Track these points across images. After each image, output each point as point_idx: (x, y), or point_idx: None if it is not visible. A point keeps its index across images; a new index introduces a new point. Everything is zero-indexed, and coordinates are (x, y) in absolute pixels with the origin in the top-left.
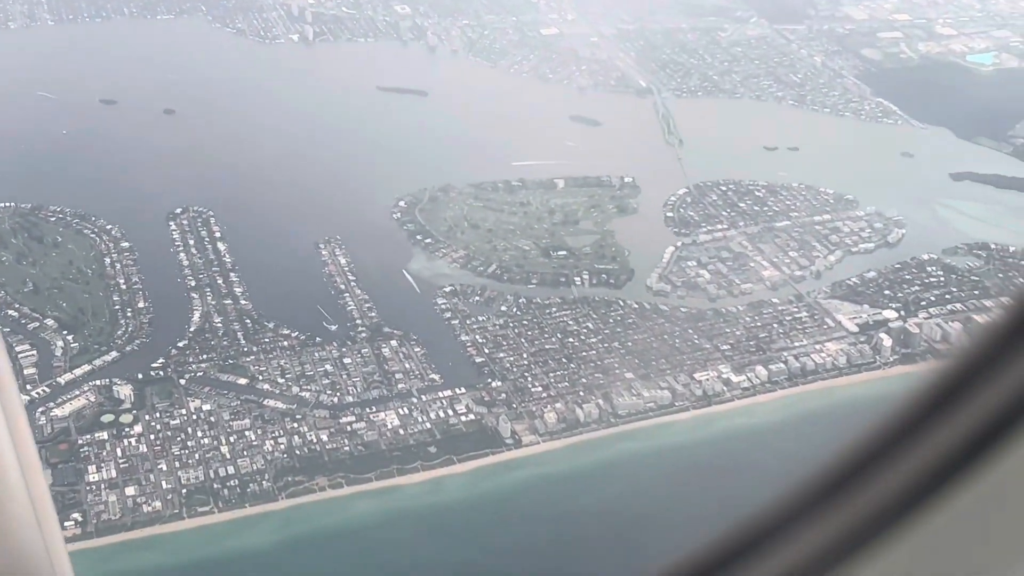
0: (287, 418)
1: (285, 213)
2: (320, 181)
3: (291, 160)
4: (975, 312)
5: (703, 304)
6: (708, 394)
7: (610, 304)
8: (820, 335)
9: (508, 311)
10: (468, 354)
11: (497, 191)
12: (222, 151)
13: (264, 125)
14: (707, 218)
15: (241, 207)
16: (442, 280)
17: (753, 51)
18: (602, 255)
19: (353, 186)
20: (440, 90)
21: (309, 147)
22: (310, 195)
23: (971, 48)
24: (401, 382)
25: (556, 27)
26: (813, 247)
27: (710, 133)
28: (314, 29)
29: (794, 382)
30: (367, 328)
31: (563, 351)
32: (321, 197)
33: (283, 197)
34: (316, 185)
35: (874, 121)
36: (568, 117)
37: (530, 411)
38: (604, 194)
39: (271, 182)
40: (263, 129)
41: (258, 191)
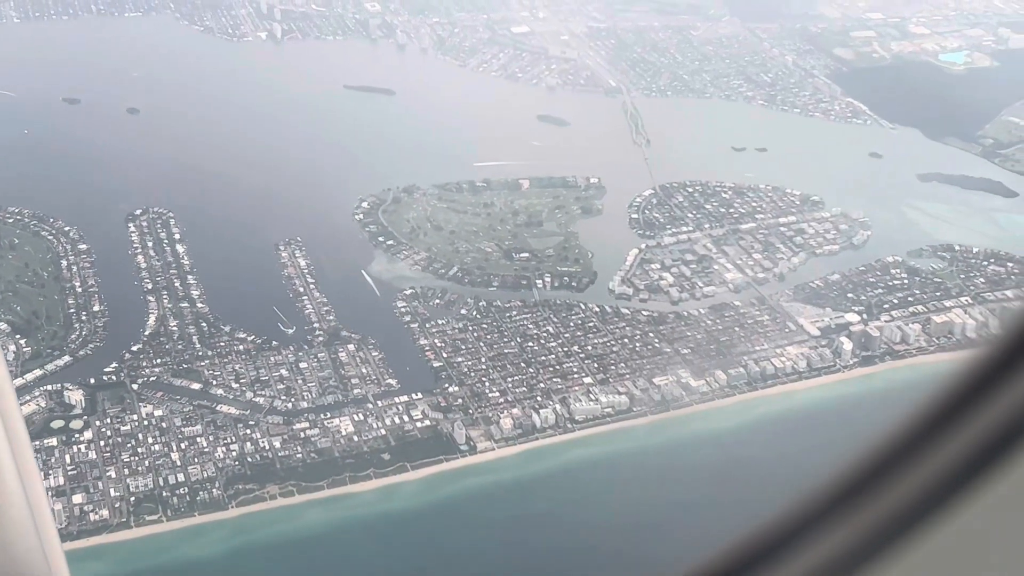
0: (240, 424)
1: (247, 214)
2: (283, 181)
3: (255, 160)
4: (936, 313)
5: (665, 307)
6: (667, 399)
7: (571, 307)
8: (781, 339)
9: (468, 314)
10: (426, 358)
11: (462, 192)
12: (185, 151)
13: (229, 124)
14: (672, 220)
15: (202, 208)
16: (403, 283)
17: (724, 50)
18: (565, 257)
19: (316, 186)
20: (408, 89)
21: (274, 147)
22: (273, 196)
23: (944, 47)
24: (357, 387)
25: (527, 25)
26: (777, 249)
27: (678, 133)
28: (283, 27)
29: (753, 386)
30: (324, 332)
31: (522, 355)
32: (284, 198)
33: (245, 197)
34: (279, 185)
35: (843, 121)
36: (536, 117)
37: (486, 417)
38: (569, 195)
39: (234, 182)
40: (228, 128)
41: (220, 191)
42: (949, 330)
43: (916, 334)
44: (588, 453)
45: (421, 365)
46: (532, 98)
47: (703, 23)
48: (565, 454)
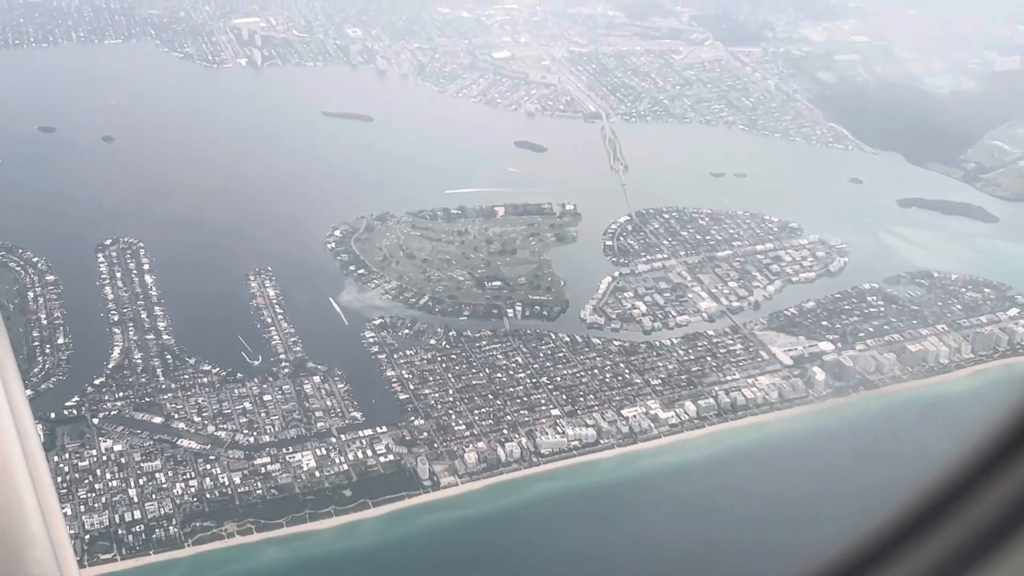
0: (200, 459)
1: (218, 243)
2: (257, 210)
3: (229, 188)
4: (912, 342)
5: (637, 337)
6: (635, 431)
7: (541, 337)
8: (753, 368)
9: (437, 344)
10: (393, 390)
11: (436, 219)
12: (159, 179)
13: (204, 152)
14: (647, 247)
15: (174, 237)
16: (372, 312)
17: (706, 74)
18: (537, 286)
19: (290, 215)
20: (386, 115)
21: (249, 175)
22: (246, 224)
23: (929, 70)
24: (321, 420)
25: (508, 50)
26: (753, 277)
27: (657, 159)
28: (263, 53)
29: (723, 418)
30: (291, 363)
31: (490, 387)
32: (257, 226)
33: (218, 226)
34: (253, 214)
35: (825, 146)
36: (514, 143)
37: (451, 451)
38: (544, 222)
39: (207, 211)
40: (203, 156)
41: (193, 220)
42: (924, 359)
43: (891, 363)
44: (553, 487)
45: (387, 397)
46: (510, 124)
47: (686, 47)
48: (530, 489)
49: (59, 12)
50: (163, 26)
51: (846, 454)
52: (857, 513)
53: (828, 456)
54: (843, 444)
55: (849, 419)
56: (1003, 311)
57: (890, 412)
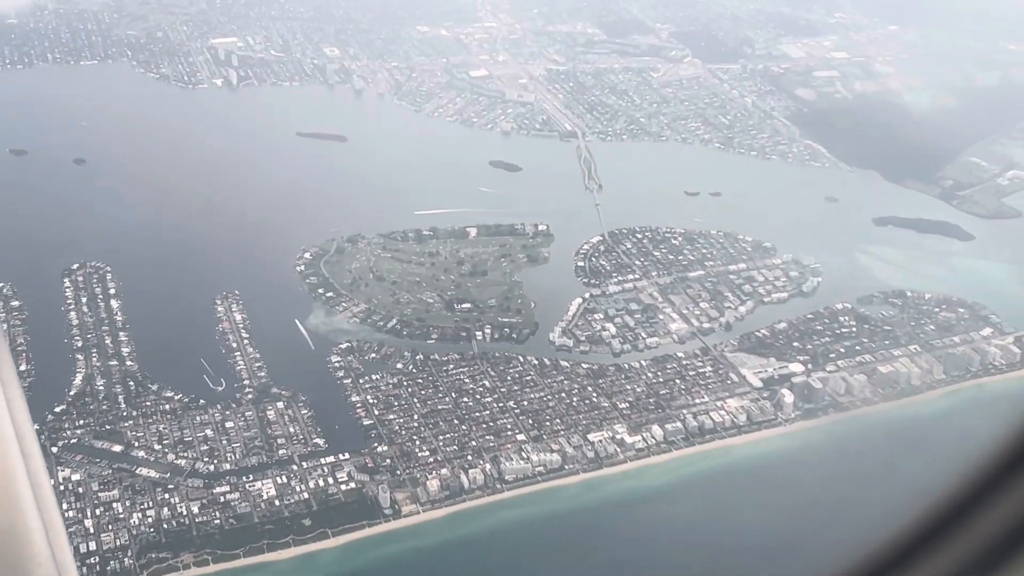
0: (159, 488)
1: (187, 267)
2: (228, 233)
3: (200, 210)
4: (883, 363)
5: (606, 359)
6: (600, 456)
7: (509, 360)
8: (722, 391)
9: (404, 369)
10: (357, 416)
11: (407, 241)
12: (129, 202)
13: (176, 174)
14: (619, 267)
15: (141, 261)
16: (339, 336)
17: (684, 92)
18: (507, 308)
19: (260, 238)
20: (360, 135)
21: (220, 196)
22: (215, 247)
23: (909, 86)
24: (283, 447)
25: (486, 68)
26: (725, 297)
27: (632, 178)
28: (239, 73)
29: (691, 442)
30: (254, 389)
31: (456, 411)
32: (226, 250)
33: (187, 249)
34: (223, 237)
35: (801, 164)
36: (488, 162)
37: (413, 478)
38: (516, 243)
39: (177, 234)
40: (174, 178)
41: (162, 243)
42: (895, 380)
43: (861, 385)
44: (516, 515)
45: (351, 423)
46: (486, 143)
47: (664, 64)
48: (492, 516)
49: (36, 33)
50: (140, 47)
51: (814, 478)
52: (827, 540)
53: (796, 480)
54: (811, 468)
55: (818, 442)
56: (976, 331)
57: (860, 435)
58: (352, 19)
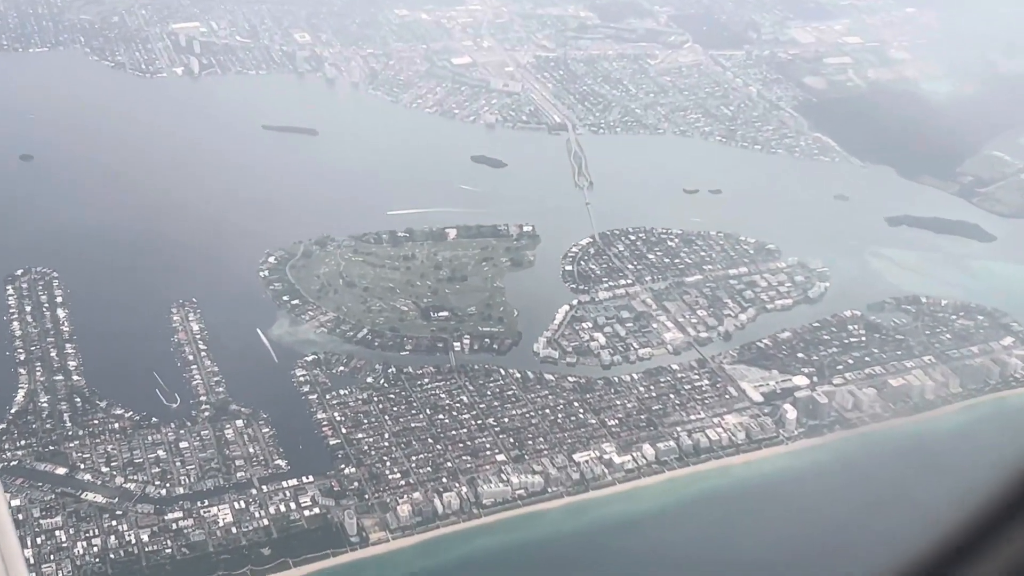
0: (106, 514)
1: (141, 272)
2: (186, 235)
3: (156, 210)
4: (894, 375)
5: (594, 372)
6: (586, 478)
7: (490, 374)
8: (720, 407)
9: (374, 383)
10: (322, 435)
11: (381, 243)
12: (80, 202)
13: (131, 171)
14: (610, 272)
15: (91, 266)
16: (305, 347)
17: (683, 80)
18: (488, 316)
19: (222, 240)
20: (332, 128)
21: (179, 195)
22: (172, 251)
23: (927, 74)
24: (242, 470)
25: (469, 55)
26: (725, 304)
27: (625, 174)
28: (201, 61)
29: (685, 462)
30: (212, 406)
31: (430, 429)
32: (184, 253)
33: (141, 253)
34: (181, 239)
35: (809, 159)
36: (470, 158)
37: (383, 502)
38: (499, 245)
39: (130, 236)
40: (129, 176)
41: (114, 247)
42: (907, 394)
43: (870, 399)
44: (493, 543)
45: (316, 443)
46: (468, 137)
47: (662, 51)
48: (468, 544)
49: None
50: (94, 32)
51: (819, 502)
52: (833, 572)
53: (799, 504)
54: (816, 491)
55: (823, 462)
56: (996, 340)
57: (868, 454)
58: (325, 1)
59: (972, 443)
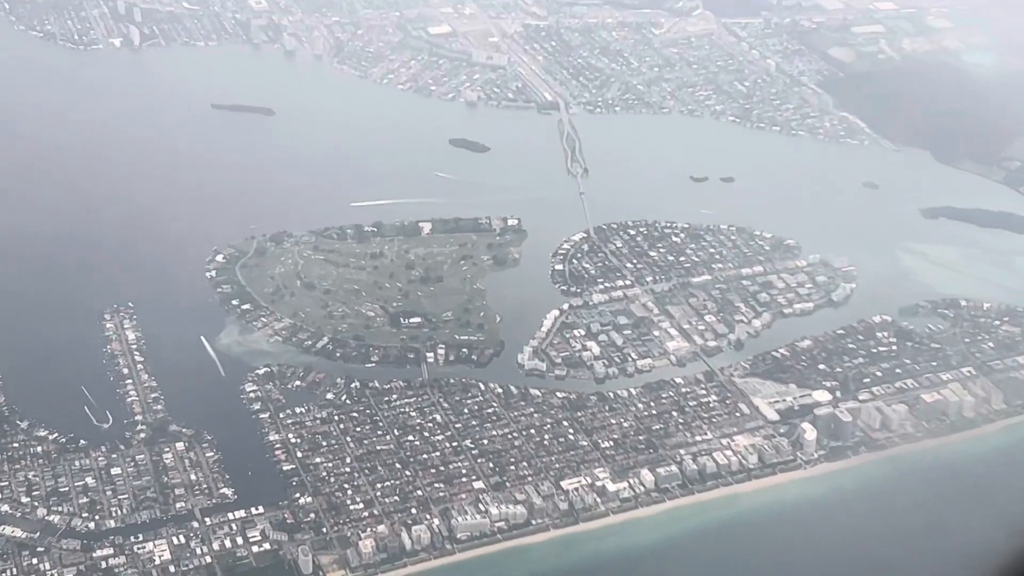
0: (25, 551)
1: (69, 274)
2: (122, 231)
3: (88, 203)
4: (928, 390)
5: (587, 386)
6: (576, 508)
7: (467, 388)
8: (729, 426)
9: (335, 400)
10: (275, 459)
11: (345, 239)
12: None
13: (60, 158)
14: (606, 271)
15: (12, 268)
16: (256, 359)
17: (692, 52)
18: (466, 323)
19: (163, 236)
20: (291, 107)
21: (115, 185)
22: (106, 250)
23: (969, 44)
24: (182, 499)
25: (449, 24)
26: (736, 308)
27: (625, 160)
28: (143, 31)
29: (688, 489)
30: (149, 426)
31: (398, 453)
32: (120, 252)
33: (70, 252)
34: (116, 237)
35: (835, 141)
36: (448, 141)
37: (343, 537)
38: (480, 241)
39: (56, 234)
40: (58, 163)
41: (39, 246)
42: (943, 411)
43: (901, 417)
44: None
45: (267, 469)
46: (446, 117)
47: (669, 18)
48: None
49: None
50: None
51: (841, 536)
52: None
53: (818, 538)
54: (837, 522)
55: (846, 490)
56: None
57: (898, 480)
58: None
59: (1017, 467)
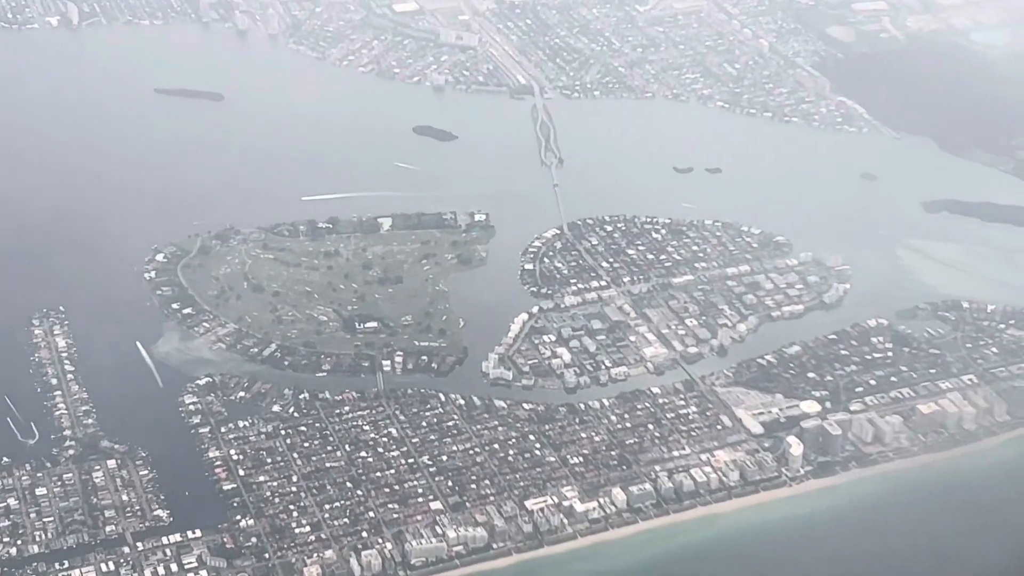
0: None
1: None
2: (53, 227)
3: (15, 197)
4: (925, 400)
5: (556, 397)
6: (541, 530)
7: (426, 400)
8: (710, 440)
9: (282, 412)
10: (215, 478)
11: (297, 236)
12: None
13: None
14: (580, 271)
15: None
16: (197, 368)
17: (679, 32)
18: (427, 327)
19: (98, 234)
20: (241, 92)
21: (46, 177)
22: (34, 248)
23: (979, 22)
24: (112, 523)
25: (415, 1)
26: (720, 312)
27: (603, 149)
28: (82, 8)
29: (663, 509)
30: (79, 442)
31: (349, 471)
32: (50, 251)
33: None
34: (46, 233)
35: (831, 129)
36: (412, 129)
37: (287, 564)
38: (444, 238)
39: None
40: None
41: None
42: (941, 423)
43: (895, 430)
44: None
45: (206, 488)
46: (410, 103)
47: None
48: None
49: None
50: None
51: (828, 558)
52: None
53: (802, 562)
54: (825, 545)
55: (834, 508)
56: None
57: (891, 498)
58: None
59: (1021, 484)
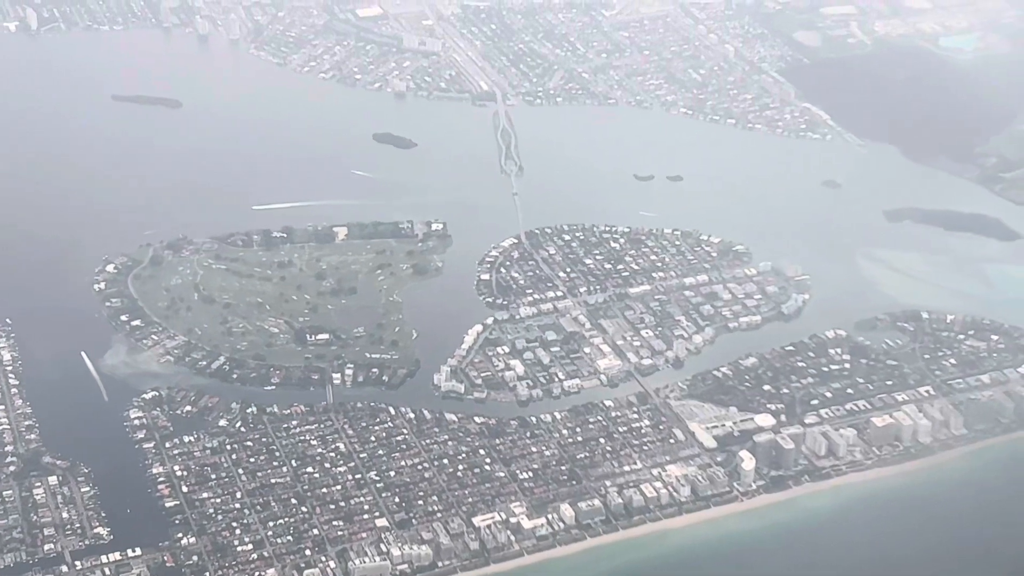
0: None
1: None
2: (0, 235)
3: None
4: (880, 412)
5: (509, 411)
6: (487, 548)
7: (376, 414)
8: (661, 454)
9: (229, 427)
10: (158, 495)
11: (251, 246)
12: None
13: None
14: (536, 281)
15: None
16: (144, 382)
17: (644, 37)
18: (379, 340)
19: (47, 243)
20: (200, 99)
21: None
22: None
23: (949, 27)
24: (51, 541)
25: (379, 5)
26: (676, 323)
27: (564, 157)
28: (41, 13)
29: (612, 526)
30: (19, 457)
31: (295, 487)
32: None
33: None
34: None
35: (795, 135)
36: (372, 136)
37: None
38: (400, 248)
39: None
40: None
41: None
42: (896, 436)
43: (849, 443)
44: None
45: (149, 505)
46: (371, 109)
47: None
48: None
49: None
50: None
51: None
52: None
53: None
54: (776, 560)
55: (786, 523)
56: (1014, 367)
57: (845, 513)
58: None
59: (978, 499)
